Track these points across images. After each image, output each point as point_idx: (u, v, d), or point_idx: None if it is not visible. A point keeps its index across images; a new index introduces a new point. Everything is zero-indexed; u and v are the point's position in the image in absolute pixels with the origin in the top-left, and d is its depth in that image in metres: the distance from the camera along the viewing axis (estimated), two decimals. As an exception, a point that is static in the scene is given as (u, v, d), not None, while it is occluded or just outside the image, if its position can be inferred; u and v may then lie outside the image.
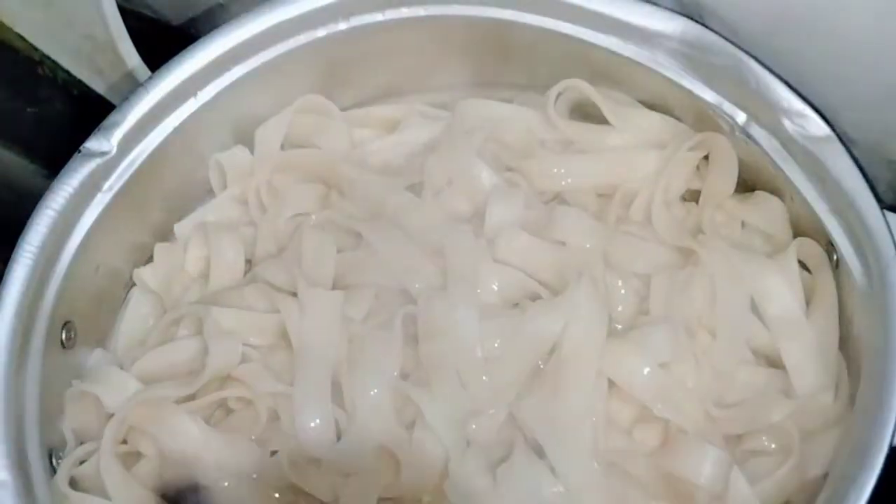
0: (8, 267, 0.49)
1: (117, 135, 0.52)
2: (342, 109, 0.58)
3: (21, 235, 0.49)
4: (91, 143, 0.51)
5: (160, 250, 0.56)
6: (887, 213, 0.46)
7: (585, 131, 0.55)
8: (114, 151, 0.52)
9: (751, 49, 0.49)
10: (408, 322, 0.50)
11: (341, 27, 0.54)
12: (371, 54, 0.56)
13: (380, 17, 0.54)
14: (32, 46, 0.57)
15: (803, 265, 0.50)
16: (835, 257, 0.48)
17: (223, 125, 0.56)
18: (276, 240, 0.55)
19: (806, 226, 0.50)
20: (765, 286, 0.49)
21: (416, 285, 0.51)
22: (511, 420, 0.48)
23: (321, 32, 0.54)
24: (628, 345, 0.49)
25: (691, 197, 0.54)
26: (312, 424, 0.48)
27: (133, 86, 0.54)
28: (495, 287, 0.51)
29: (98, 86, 0.60)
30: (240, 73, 0.54)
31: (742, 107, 0.50)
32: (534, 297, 0.50)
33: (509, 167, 0.55)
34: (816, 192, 0.48)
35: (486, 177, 0.54)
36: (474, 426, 0.48)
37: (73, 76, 0.59)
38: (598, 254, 0.51)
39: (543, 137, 0.55)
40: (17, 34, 0.56)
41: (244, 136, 0.57)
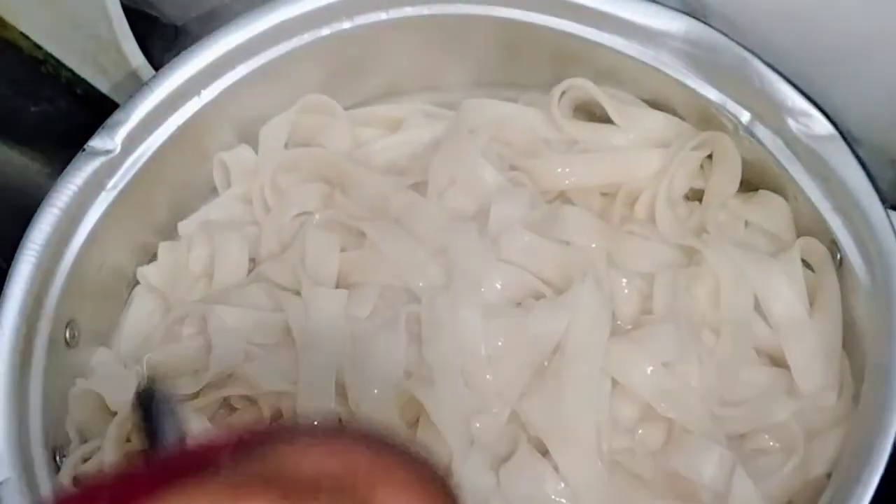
0: (12, 265, 0.49)
1: (121, 133, 0.52)
2: (346, 108, 0.58)
3: (25, 234, 0.50)
4: (95, 142, 0.51)
5: (164, 249, 0.56)
6: (891, 213, 0.46)
7: (589, 130, 0.55)
8: (118, 150, 0.52)
9: (755, 48, 0.49)
10: (412, 321, 0.50)
11: (345, 26, 0.54)
12: (375, 53, 0.56)
13: (384, 16, 0.54)
14: (36, 45, 0.57)
15: (807, 264, 0.50)
16: (838, 256, 0.48)
17: (227, 124, 0.56)
18: (280, 239, 0.55)
19: (810, 225, 0.50)
20: (768, 285, 0.49)
21: (420, 284, 0.51)
22: (515, 419, 0.48)
23: (325, 31, 0.54)
24: (632, 344, 0.49)
25: (695, 196, 0.54)
26: (316, 423, 0.48)
27: (137, 85, 0.54)
28: (499, 286, 0.51)
29: (102, 85, 0.60)
30: (244, 72, 0.54)
31: (746, 106, 0.50)
32: (538, 297, 0.50)
33: (513, 166, 0.55)
34: (820, 192, 0.48)
35: (490, 176, 0.53)
36: (478, 425, 0.48)
37: (77, 75, 0.59)
38: (601, 253, 0.51)
39: (547, 137, 0.55)
40: (21, 33, 0.56)
41: (248, 135, 0.57)
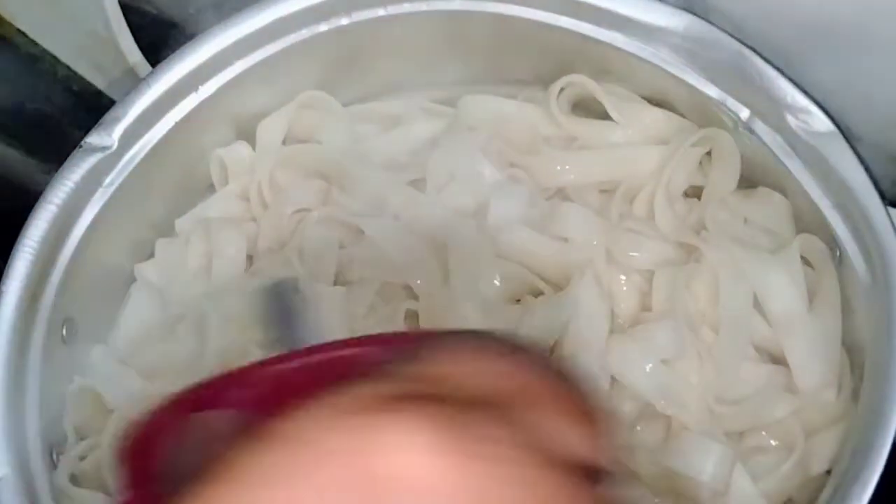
0: (8, 262, 0.49)
1: (118, 130, 0.51)
2: (344, 105, 0.58)
3: (22, 231, 0.49)
4: (92, 139, 0.51)
5: (161, 246, 0.56)
6: (891, 210, 0.46)
7: (588, 127, 0.55)
8: (115, 146, 0.51)
9: (755, 45, 0.49)
10: (410, 317, 0.50)
11: (343, 22, 0.54)
12: (373, 49, 0.55)
13: (382, 11, 0.54)
14: (33, 42, 0.57)
15: (806, 261, 0.50)
16: (838, 253, 0.48)
17: (225, 120, 0.56)
18: (278, 235, 0.55)
19: (809, 222, 0.50)
20: (768, 282, 0.49)
21: (419, 281, 0.51)
22: (513, 416, 0.48)
23: (323, 27, 0.54)
24: (631, 341, 0.48)
25: (694, 193, 0.54)
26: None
27: (134, 81, 0.54)
28: (497, 283, 0.51)
29: (99, 81, 0.60)
30: (241, 68, 0.53)
31: (745, 103, 0.50)
32: (536, 293, 0.50)
33: (512, 163, 0.55)
34: (820, 189, 0.48)
35: (489, 173, 0.53)
36: (477, 422, 0.48)
37: (74, 72, 0.59)
38: (600, 250, 0.51)
39: (546, 133, 0.55)
40: (17, 30, 0.56)
41: (246, 132, 0.57)
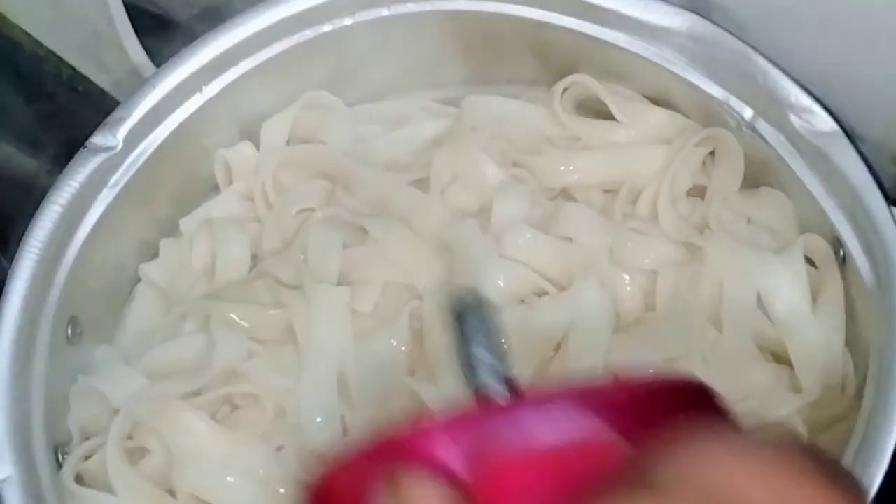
0: (13, 263, 0.49)
1: (123, 130, 0.52)
2: (348, 105, 0.58)
3: (26, 231, 0.49)
4: (97, 139, 0.51)
5: (166, 246, 0.56)
6: (894, 209, 0.46)
7: (592, 127, 0.55)
8: (119, 147, 0.52)
9: (758, 45, 0.49)
10: (414, 317, 0.50)
11: (347, 22, 0.54)
12: (377, 50, 0.56)
13: (385, 12, 0.54)
14: (37, 42, 0.57)
15: (810, 261, 0.50)
16: (841, 253, 0.48)
17: (229, 121, 0.56)
18: (282, 235, 0.55)
19: (812, 221, 0.50)
20: (771, 282, 0.49)
21: (423, 281, 0.51)
22: (517, 416, 0.48)
23: (327, 28, 0.54)
24: (634, 341, 0.49)
25: (697, 193, 0.54)
26: (319, 420, 0.48)
27: (138, 82, 0.54)
28: (501, 283, 0.51)
29: (103, 81, 0.60)
30: (245, 68, 0.54)
31: (749, 102, 0.50)
32: (540, 293, 0.50)
33: (516, 163, 0.55)
34: (823, 188, 0.48)
35: (493, 173, 0.53)
36: (481, 422, 0.48)
37: (78, 72, 0.59)
38: (604, 250, 0.51)
39: (550, 133, 0.55)
40: (22, 30, 0.56)
41: (250, 132, 0.57)
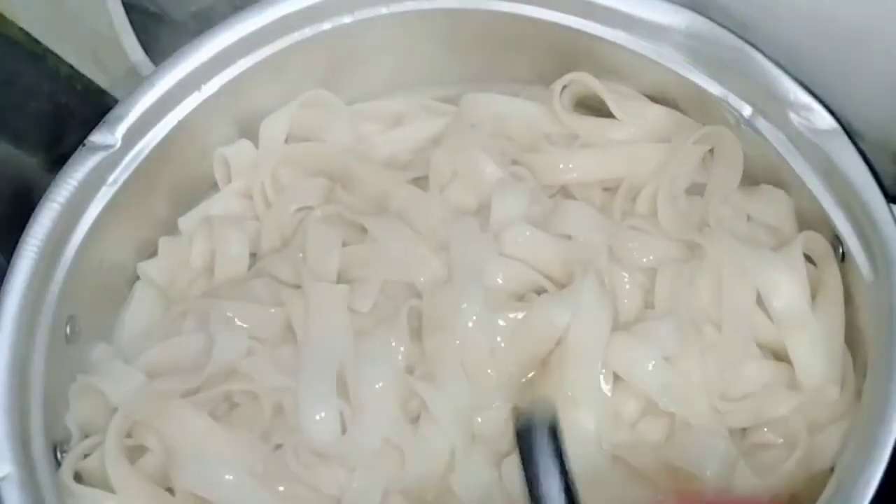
0: (12, 261, 0.49)
1: (122, 128, 0.52)
2: (347, 103, 0.58)
3: (25, 229, 0.49)
4: (96, 137, 0.51)
5: (165, 244, 0.56)
6: (893, 206, 0.46)
7: (591, 125, 0.55)
8: (118, 145, 0.52)
9: (757, 42, 0.49)
10: (413, 316, 0.50)
11: (346, 20, 0.54)
12: (376, 48, 0.56)
13: (384, 10, 0.54)
14: (36, 41, 0.57)
15: (809, 258, 0.50)
16: (840, 250, 0.48)
17: (228, 119, 0.56)
18: (281, 234, 0.55)
19: (812, 219, 0.50)
20: (770, 280, 0.49)
21: (422, 279, 0.51)
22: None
23: (326, 26, 0.54)
24: (634, 338, 0.49)
25: (696, 190, 0.54)
26: (318, 418, 0.48)
27: (136, 80, 0.54)
28: (500, 280, 0.51)
29: (102, 80, 0.60)
30: (244, 66, 0.54)
31: (748, 100, 0.50)
32: (539, 291, 0.50)
33: (515, 161, 0.55)
34: (822, 186, 0.48)
35: (492, 171, 0.53)
36: (480, 419, 0.48)
37: (77, 70, 0.59)
38: (603, 247, 0.51)
39: (549, 131, 0.55)
40: (20, 28, 0.56)
41: (249, 130, 0.57)
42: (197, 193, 0.58)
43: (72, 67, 0.58)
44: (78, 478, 0.49)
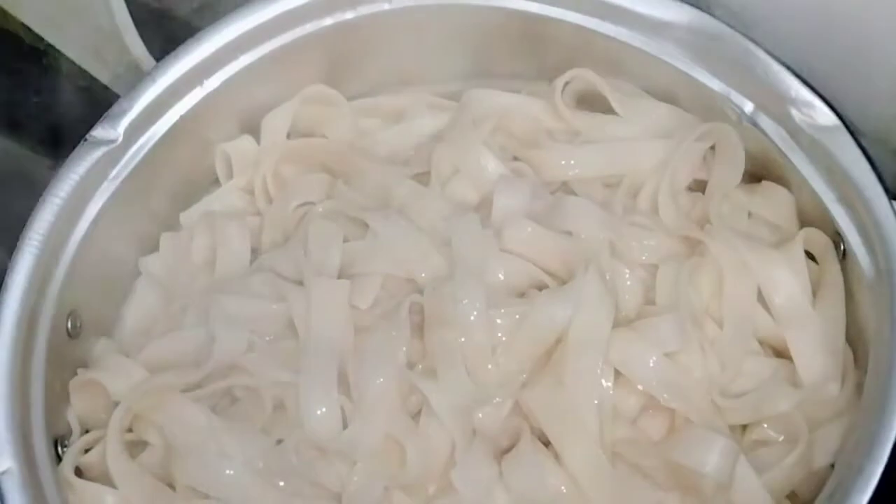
0: (13, 256, 0.49)
1: (124, 123, 0.52)
2: (349, 99, 0.58)
3: (27, 224, 0.50)
4: (97, 132, 0.51)
5: (166, 239, 0.56)
6: (894, 203, 0.46)
7: (592, 121, 0.55)
8: (120, 140, 0.52)
9: (758, 39, 0.49)
10: (414, 311, 0.50)
11: (348, 16, 0.54)
12: (378, 43, 0.56)
13: (386, 6, 0.54)
14: (38, 36, 0.57)
15: (810, 255, 0.50)
16: (842, 247, 0.48)
17: (229, 114, 0.56)
18: (283, 229, 0.55)
19: (813, 216, 0.50)
20: (771, 276, 0.49)
21: (423, 274, 0.51)
22: (517, 410, 0.48)
23: (328, 21, 0.54)
24: (634, 335, 0.48)
25: (698, 187, 0.54)
26: (318, 413, 0.48)
27: (138, 76, 0.54)
28: (502, 276, 0.51)
29: (103, 76, 0.60)
30: (246, 61, 0.54)
31: (749, 96, 0.50)
32: (540, 287, 0.50)
33: (516, 157, 0.55)
34: (824, 182, 0.48)
35: (493, 167, 0.53)
36: (480, 415, 0.48)
37: (79, 66, 0.59)
38: (604, 244, 0.51)
39: (550, 127, 0.55)
40: (22, 24, 0.56)
41: (250, 126, 0.57)
42: (198, 189, 0.58)
43: (74, 63, 0.58)
44: (79, 472, 0.49)
